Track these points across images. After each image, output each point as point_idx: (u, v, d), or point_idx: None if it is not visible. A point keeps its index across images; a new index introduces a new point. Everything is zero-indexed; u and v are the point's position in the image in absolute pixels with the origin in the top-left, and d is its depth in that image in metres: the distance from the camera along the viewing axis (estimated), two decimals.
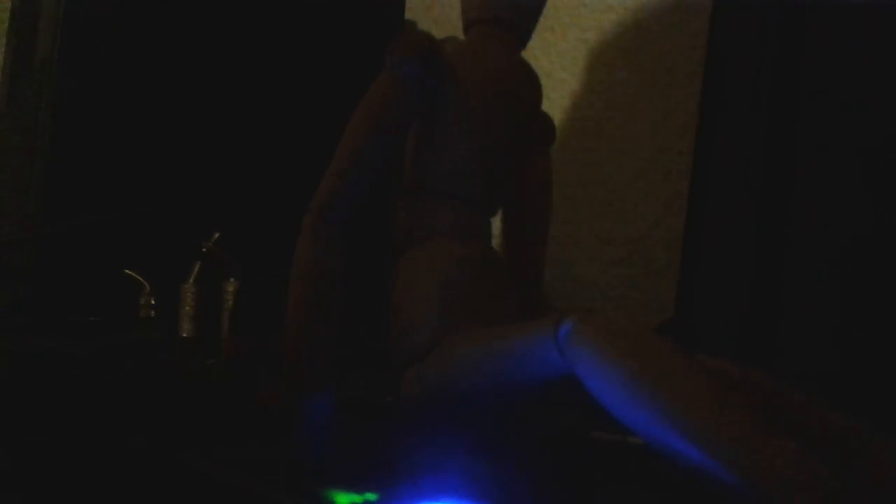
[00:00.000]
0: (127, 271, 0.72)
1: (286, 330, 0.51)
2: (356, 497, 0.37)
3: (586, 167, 0.91)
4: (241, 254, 0.73)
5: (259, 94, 0.83)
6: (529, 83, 0.64)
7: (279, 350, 0.52)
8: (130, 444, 0.45)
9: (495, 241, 0.64)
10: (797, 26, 0.72)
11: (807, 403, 0.46)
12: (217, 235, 0.74)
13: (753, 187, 0.72)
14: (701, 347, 0.48)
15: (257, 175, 0.82)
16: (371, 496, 0.37)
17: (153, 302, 0.72)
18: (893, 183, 0.67)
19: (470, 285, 0.57)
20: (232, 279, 0.73)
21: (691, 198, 0.79)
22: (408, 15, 0.98)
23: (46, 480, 0.41)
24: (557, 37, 0.93)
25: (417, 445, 0.49)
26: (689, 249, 0.77)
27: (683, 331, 0.75)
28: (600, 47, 0.91)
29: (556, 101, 0.92)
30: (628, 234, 0.87)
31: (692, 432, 0.38)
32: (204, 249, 0.73)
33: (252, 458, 0.44)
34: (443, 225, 0.59)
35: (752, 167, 0.72)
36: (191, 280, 0.73)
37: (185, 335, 0.73)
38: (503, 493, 0.41)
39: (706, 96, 0.78)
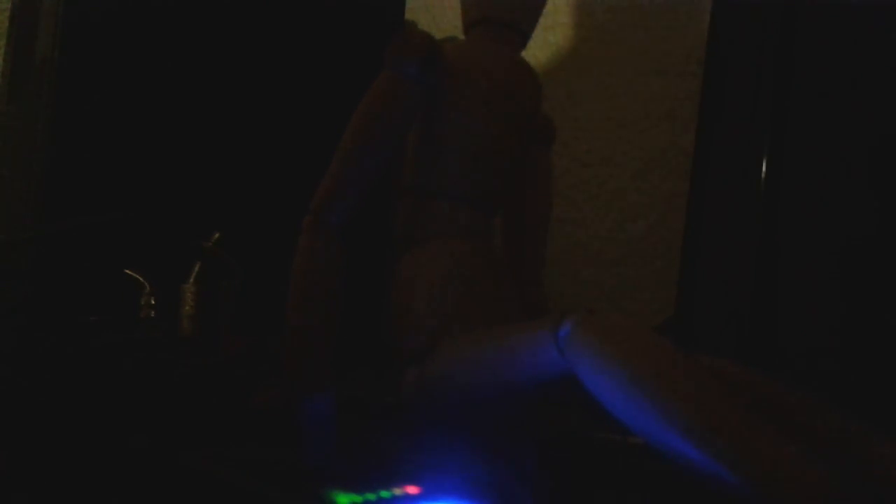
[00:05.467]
0: (127, 271, 0.72)
1: (286, 330, 0.51)
2: (356, 497, 0.37)
3: (586, 167, 0.91)
4: (241, 254, 0.73)
5: (259, 94, 0.83)
6: (529, 83, 0.64)
7: (279, 350, 0.52)
8: (131, 444, 0.45)
9: (495, 241, 0.64)
10: (797, 26, 0.72)
11: (807, 403, 0.46)
12: (217, 235, 0.73)
13: (753, 187, 0.72)
14: (701, 347, 0.48)
15: (257, 175, 0.82)
16: (371, 496, 0.37)
17: (153, 302, 0.72)
18: (893, 183, 0.67)
19: (470, 285, 0.57)
20: (232, 279, 0.73)
21: (691, 198, 0.79)
22: (408, 15, 0.98)
23: (47, 480, 0.41)
24: (557, 37, 0.93)
25: (417, 445, 0.49)
26: (689, 249, 0.77)
27: (683, 331, 0.75)
28: (600, 47, 0.91)
29: (556, 101, 0.92)
30: (628, 234, 0.87)
31: (692, 433, 0.38)
32: (204, 249, 0.73)
33: (252, 458, 0.44)
34: (443, 225, 0.59)
35: (752, 167, 0.72)
36: (191, 280, 0.73)
37: (185, 335, 0.73)
38: (503, 493, 0.41)
39: (706, 96, 0.78)
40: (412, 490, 0.38)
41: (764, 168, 0.72)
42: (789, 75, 0.72)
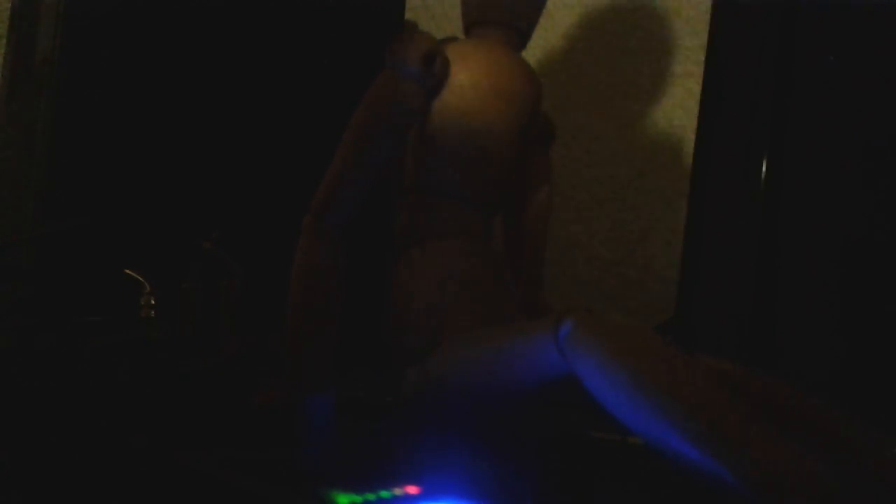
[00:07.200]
0: (127, 271, 0.72)
1: (286, 330, 0.51)
2: (356, 497, 0.37)
3: (586, 167, 0.91)
4: (241, 254, 0.73)
5: (259, 94, 0.83)
6: (529, 83, 0.64)
7: (279, 350, 0.52)
8: (131, 444, 0.45)
9: (495, 241, 0.64)
10: (797, 27, 0.72)
11: (807, 404, 0.46)
12: (216, 235, 0.73)
13: (753, 187, 0.72)
14: (701, 347, 0.48)
15: (257, 175, 0.82)
16: (371, 496, 0.37)
17: (153, 302, 0.72)
18: (893, 183, 0.67)
19: (470, 285, 0.57)
20: (232, 279, 0.73)
21: (691, 198, 0.79)
22: (408, 15, 0.98)
23: (47, 480, 0.41)
24: (557, 37, 0.93)
25: (417, 445, 0.49)
26: (689, 249, 0.77)
27: (683, 331, 0.75)
28: (600, 48, 0.91)
29: (557, 101, 0.92)
30: (628, 234, 0.87)
31: (692, 433, 0.38)
32: (203, 249, 0.73)
33: (252, 458, 0.44)
34: (443, 225, 0.59)
35: (752, 167, 0.72)
36: (191, 280, 0.73)
37: (185, 335, 0.73)
38: (503, 493, 0.41)
39: (706, 96, 0.78)
40: (412, 490, 0.39)
41: (764, 168, 0.72)
42: (789, 75, 0.72)
